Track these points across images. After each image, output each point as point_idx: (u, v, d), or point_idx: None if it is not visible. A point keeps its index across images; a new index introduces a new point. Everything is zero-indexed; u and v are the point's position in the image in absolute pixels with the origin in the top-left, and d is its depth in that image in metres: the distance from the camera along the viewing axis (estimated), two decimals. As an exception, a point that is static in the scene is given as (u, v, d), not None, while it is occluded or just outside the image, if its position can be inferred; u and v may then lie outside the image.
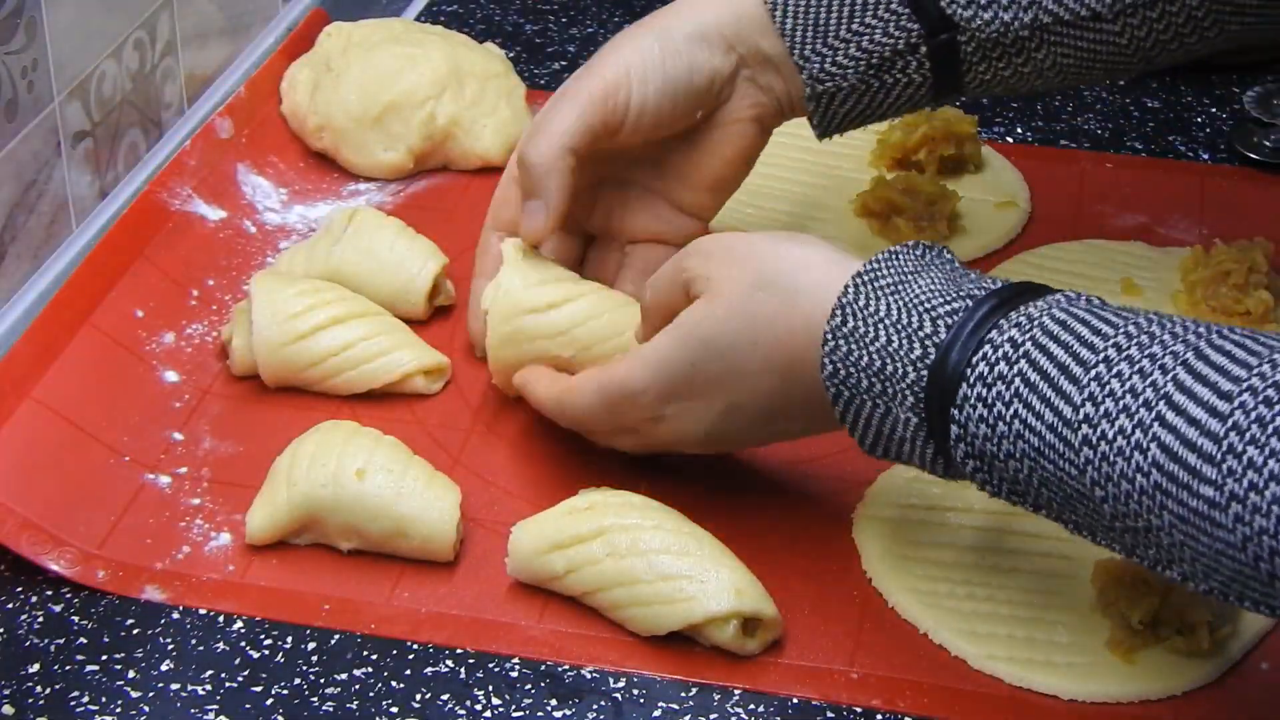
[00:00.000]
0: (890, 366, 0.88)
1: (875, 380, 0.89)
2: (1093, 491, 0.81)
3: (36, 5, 1.13)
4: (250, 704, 0.92)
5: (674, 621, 0.94)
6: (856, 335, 0.90)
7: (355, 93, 1.29)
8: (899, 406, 0.89)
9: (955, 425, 0.86)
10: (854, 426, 0.92)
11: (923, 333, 0.88)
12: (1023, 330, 0.85)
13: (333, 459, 1.00)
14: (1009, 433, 0.84)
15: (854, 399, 0.91)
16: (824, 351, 0.91)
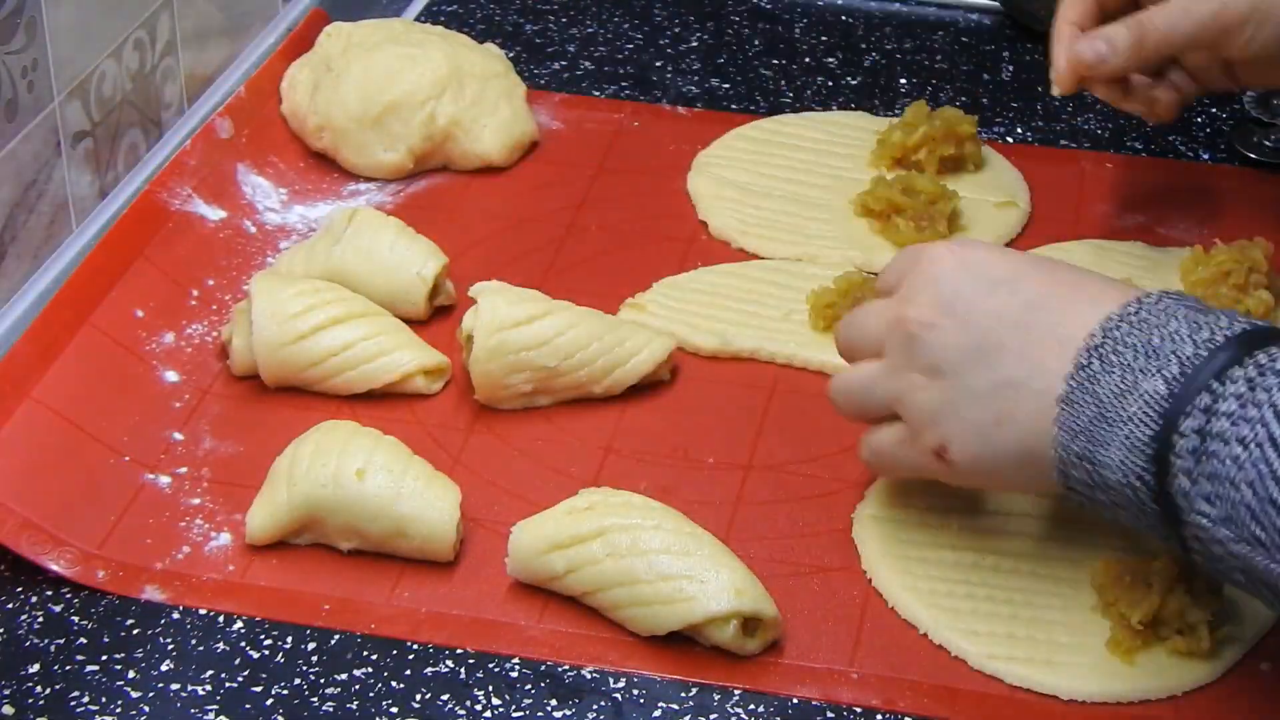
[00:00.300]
0: (1164, 341, 0.86)
1: (1139, 354, 0.87)
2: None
3: (36, 5, 1.13)
4: (250, 704, 0.92)
5: (674, 621, 0.94)
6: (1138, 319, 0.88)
7: (355, 93, 1.29)
8: (1152, 377, 0.86)
9: (1208, 394, 0.83)
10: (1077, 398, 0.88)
11: (1199, 336, 0.86)
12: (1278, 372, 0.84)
13: (333, 459, 1.00)
14: (1251, 426, 0.82)
15: (1100, 369, 0.87)
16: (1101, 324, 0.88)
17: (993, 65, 1.46)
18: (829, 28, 1.50)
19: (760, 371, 1.14)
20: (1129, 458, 0.86)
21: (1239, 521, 0.82)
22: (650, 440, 1.09)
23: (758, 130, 1.35)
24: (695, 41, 1.48)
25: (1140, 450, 0.85)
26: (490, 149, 1.31)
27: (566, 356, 1.09)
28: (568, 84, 1.42)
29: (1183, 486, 0.84)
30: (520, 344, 1.09)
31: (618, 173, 1.32)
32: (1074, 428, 0.88)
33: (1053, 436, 0.88)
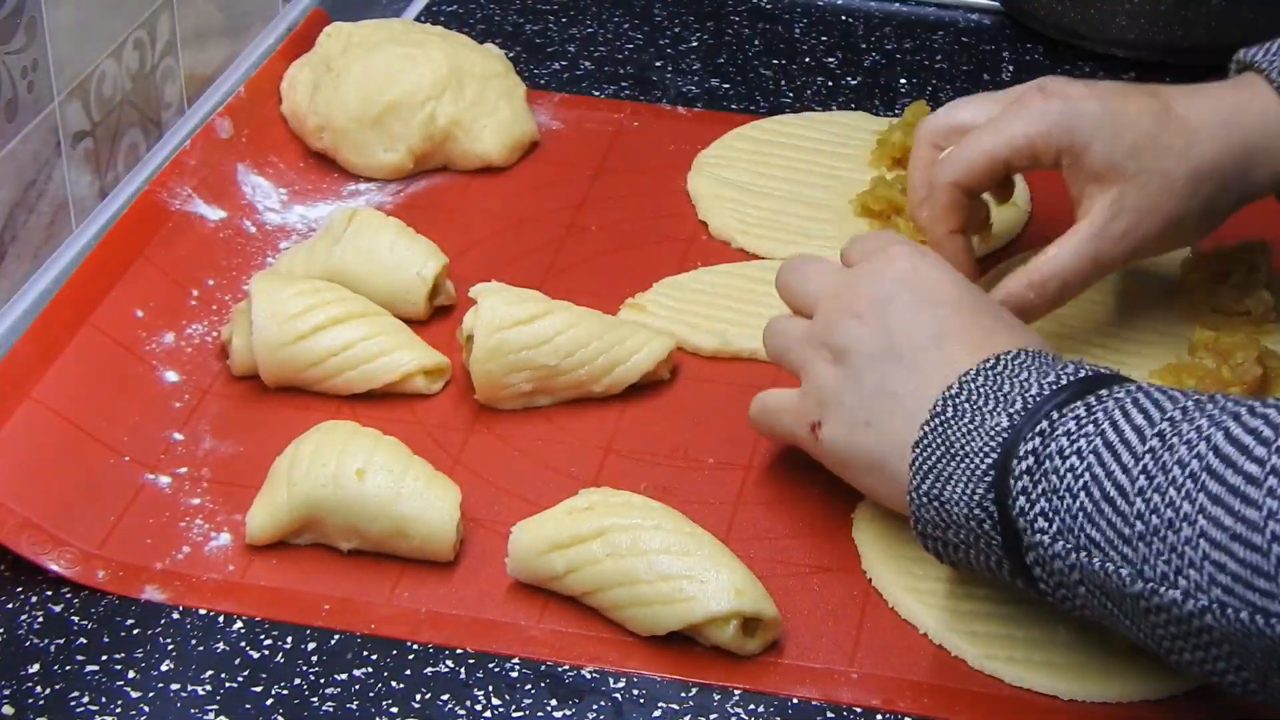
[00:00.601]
0: (1012, 388, 0.91)
1: (988, 398, 0.91)
2: (1134, 484, 0.83)
3: (36, 5, 1.13)
4: (250, 704, 0.92)
5: (674, 621, 0.94)
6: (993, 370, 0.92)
7: (355, 93, 1.29)
8: (996, 414, 0.90)
9: (1046, 422, 0.87)
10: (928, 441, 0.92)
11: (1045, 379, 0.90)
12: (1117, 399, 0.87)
13: (333, 459, 1.00)
14: (1087, 440, 0.86)
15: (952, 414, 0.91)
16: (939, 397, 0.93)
17: (993, 65, 1.46)
18: (829, 28, 1.50)
19: (760, 371, 1.14)
20: (971, 489, 0.89)
21: (1075, 530, 0.85)
22: (650, 440, 1.09)
23: (758, 130, 1.35)
24: (695, 41, 1.48)
25: (981, 479, 0.89)
26: (490, 149, 1.31)
27: (567, 355, 1.09)
28: (568, 84, 1.42)
29: (1021, 507, 0.87)
30: (521, 343, 1.09)
31: (618, 173, 1.32)
32: (923, 469, 0.92)
33: (906, 472, 0.93)
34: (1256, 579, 0.78)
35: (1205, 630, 0.81)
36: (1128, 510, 0.83)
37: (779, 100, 1.41)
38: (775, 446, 1.08)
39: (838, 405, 0.98)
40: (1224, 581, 0.79)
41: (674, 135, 1.36)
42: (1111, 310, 1.18)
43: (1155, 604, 0.82)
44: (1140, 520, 0.82)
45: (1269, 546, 0.77)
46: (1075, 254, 1.09)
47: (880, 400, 0.96)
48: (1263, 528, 0.77)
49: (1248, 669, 0.81)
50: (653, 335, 1.12)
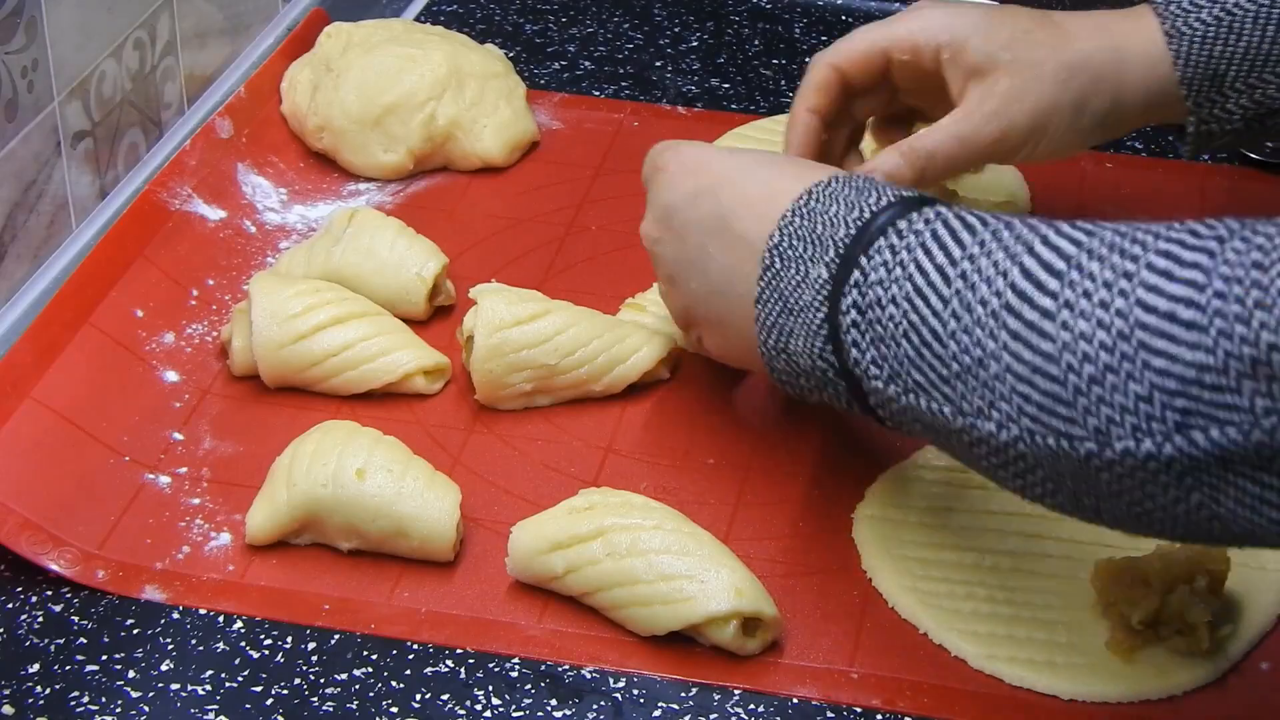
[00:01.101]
0: (824, 228, 0.94)
1: (808, 244, 0.94)
2: (946, 327, 0.86)
3: (36, 5, 1.13)
4: (250, 704, 0.92)
5: (674, 621, 0.94)
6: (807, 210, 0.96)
7: (355, 94, 1.29)
8: (816, 264, 0.93)
9: (859, 270, 0.91)
10: (766, 296, 0.96)
11: (850, 216, 0.94)
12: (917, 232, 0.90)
13: (333, 459, 1.00)
14: (899, 285, 0.89)
15: (781, 266, 0.95)
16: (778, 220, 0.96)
17: (993, 65, 1.46)
18: (829, 28, 1.50)
19: (760, 371, 1.13)
20: (810, 343, 0.94)
21: (902, 375, 0.89)
22: (650, 440, 1.09)
23: (758, 130, 1.35)
24: (695, 41, 1.48)
25: (817, 333, 0.93)
26: (490, 149, 1.31)
27: (567, 354, 1.09)
28: (568, 84, 1.42)
29: (855, 358, 0.91)
30: (521, 342, 1.09)
31: (618, 173, 1.32)
32: (767, 324, 0.96)
33: (757, 335, 0.97)
34: (1058, 407, 0.81)
35: (1020, 458, 0.84)
36: (943, 352, 0.86)
37: (779, 100, 1.41)
38: (775, 446, 1.08)
39: (699, 319, 1.04)
40: (1031, 411, 0.82)
41: (674, 135, 1.34)
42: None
43: (975, 437, 0.86)
44: (955, 360, 0.86)
45: (1065, 376, 0.81)
46: (944, 130, 1.11)
47: (716, 300, 1.01)
48: (1058, 358, 0.81)
49: (1062, 492, 0.84)
50: (652, 335, 1.12)
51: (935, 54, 1.11)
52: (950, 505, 1.03)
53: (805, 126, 1.13)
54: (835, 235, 0.93)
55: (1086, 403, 0.80)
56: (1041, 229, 0.85)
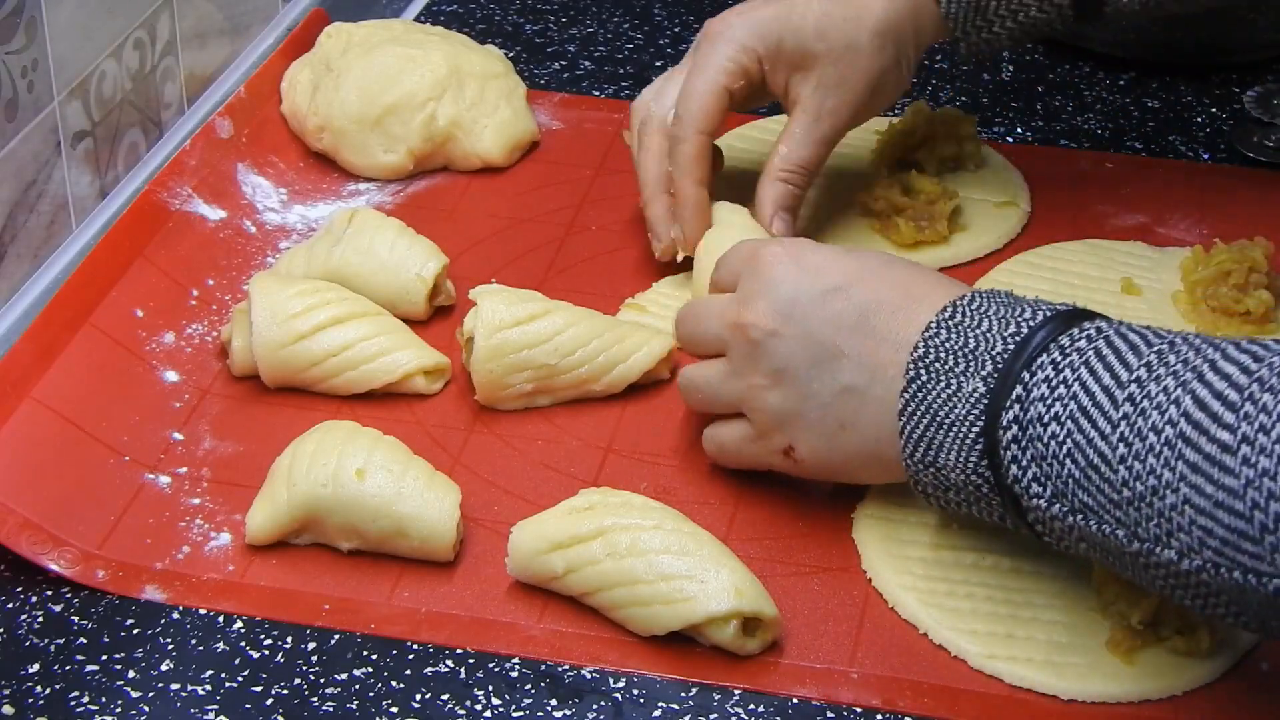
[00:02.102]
0: (978, 344, 0.92)
1: (958, 358, 0.92)
2: (1115, 451, 0.85)
3: (36, 5, 1.13)
4: (250, 704, 0.92)
5: (674, 621, 0.94)
6: (954, 324, 0.94)
7: (355, 94, 1.29)
8: (971, 379, 0.91)
9: (1020, 386, 0.89)
10: (912, 409, 0.93)
11: (1006, 332, 0.92)
12: (1080, 350, 0.89)
13: (333, 459, 1.00)
14: (1062, 404, 0.88)
15: (927, 379, 0.93)
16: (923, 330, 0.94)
17: (993, 65, 1.46)
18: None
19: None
20: (964, 458, 0.92)
21: (1068, 494, 0.87)
22: (650, 440, 1.09)
23: (758, 130, 1.35)
24: (695, 41, 1.47)
25: (972, 448, 0.91)
26: (490, 149, 1.31)
27: (567, 354, 1.09)
28: (568, 84, 1.42)
29: (1015, 474, 0.89)
30: (521, 343, 1.09)
31: (618, 173, 1.32)
32: (913, 438, 0.93)
33: (897, 447, 0.94)
34: (1243, 543, 0.80)
35: (1203, 584, 0.84)
36: (1114, 478, 0.85)
37: (779, 100, 1.41)
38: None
39: (802, 422, 0.98)
40: (1214, 545, 0.82)
41: (674, 135, 1.36)
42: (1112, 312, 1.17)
43: (1153, 562, 0.85)
44: (1126, 487, 0.84)
45: (1251, 513, 0.80)
46: (805, 143, 1.17)
47: (844, 400, 0.97)
48: (1242, 494, 0.80)
49: (1247, 614, 0.84)
50: (653, 334, 1.12)
51: (759, 67, 1.16)
52: (950, 505, 1.03)
53: (699, 201, 1.17)
54: (991, 351, 0.91)
55: (1275, 540, 0.79)
56: (1208, 352, 0.85)
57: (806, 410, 0.98)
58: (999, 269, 1.21)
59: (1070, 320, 0.92)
